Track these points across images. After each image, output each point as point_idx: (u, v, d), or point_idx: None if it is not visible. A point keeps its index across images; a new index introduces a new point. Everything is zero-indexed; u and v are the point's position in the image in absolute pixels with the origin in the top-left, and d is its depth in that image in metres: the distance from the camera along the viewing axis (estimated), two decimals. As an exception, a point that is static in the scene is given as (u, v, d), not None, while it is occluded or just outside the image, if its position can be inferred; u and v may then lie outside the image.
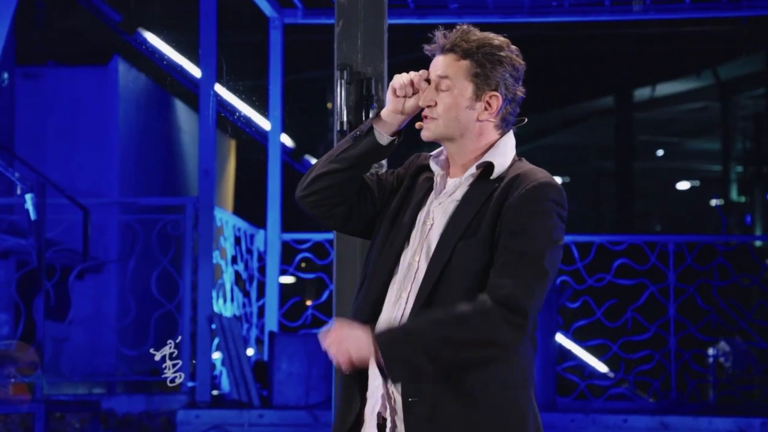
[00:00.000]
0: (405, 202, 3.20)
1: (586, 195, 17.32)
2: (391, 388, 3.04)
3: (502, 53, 3.12)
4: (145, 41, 10.62)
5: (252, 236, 10.17)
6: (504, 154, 3.15)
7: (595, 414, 8.44)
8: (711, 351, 10.09)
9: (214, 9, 8.66)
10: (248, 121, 11.85)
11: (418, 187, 3.21)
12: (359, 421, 3.11)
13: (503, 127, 3.17)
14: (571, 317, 9.74)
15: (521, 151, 3.25)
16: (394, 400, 3.04)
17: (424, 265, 3.07)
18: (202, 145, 8.70)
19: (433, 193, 3.18)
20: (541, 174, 3.10)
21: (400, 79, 3.19)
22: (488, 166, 3.12)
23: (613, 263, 9.50)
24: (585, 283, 9.51)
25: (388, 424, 3.04)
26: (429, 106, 3.14)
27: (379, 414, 3.06)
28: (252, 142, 12.58)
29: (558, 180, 3.22)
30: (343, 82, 4.27)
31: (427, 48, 3.18)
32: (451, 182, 3.16)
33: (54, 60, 10.47)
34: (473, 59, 3.10)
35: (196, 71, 10.42)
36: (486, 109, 3.12)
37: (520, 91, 3.17)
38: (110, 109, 10.10)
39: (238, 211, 11.68)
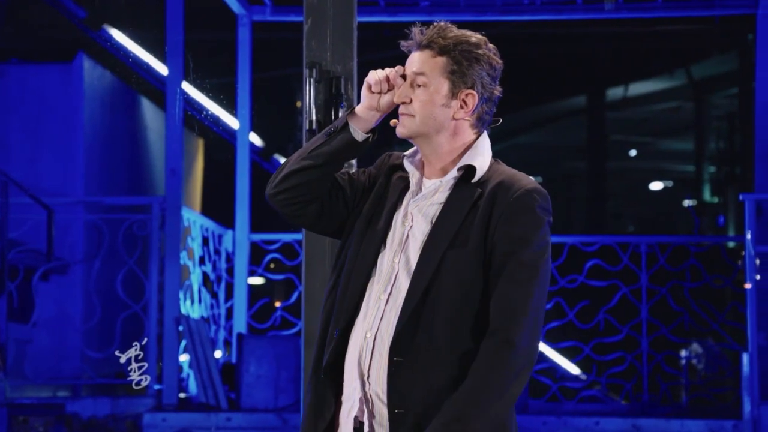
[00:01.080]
0: (380, 203, 3.16)
1: (558, 195, 17.29)
2: (369, 391, 3.01)
3: (479, 51, 3.09)
4: (110, 38, 10.52)
5: (220, 236, 10.10)
6: (482, 156, 3.11)
7: (567, 416, 8.44)
8: (683, 353, 10.08)
9: (181, 5, 8.62)
10: (216, 120, 11.78)
11: (392, 187, 3.17)
12: (333, 425, 3.08)
13: (479, 126, 3.14)
14: (543, 319, 9.69)
15: (494, 151, 3.21)
16: (372, 404, 3.01)
17: (404, 269, 3.04)
18: (168, 143, 8.66)
19: (409, 193, 3.14)
20: (525, 180, 3.08)
21: (376, 74, 3.15)
22: (469, 169, 3.08)
23: (585, 264, 9.49)
24: (557, 285, 9.49)
25: (366, 429, 3.02)
26: (404, 103, 3.11)
27: (355, 418, 3.03)
28: (220, 141, 12.51)
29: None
30: (312, 80, 4.24)
31: (404, 44, 3.15)
32: (429, 184, 3.13)
33: (17, 57, 10.37)
34: (450, 56, 3.07)
35: (162, 69, 10.33)
36: (462, 107, 3.09)
37: (497, 91, 3.14)
38: (75, 107, 10.01)
39: (206, 211, 11.62)
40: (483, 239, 3.00)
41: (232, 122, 11.11)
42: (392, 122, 3.17)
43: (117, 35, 10.65)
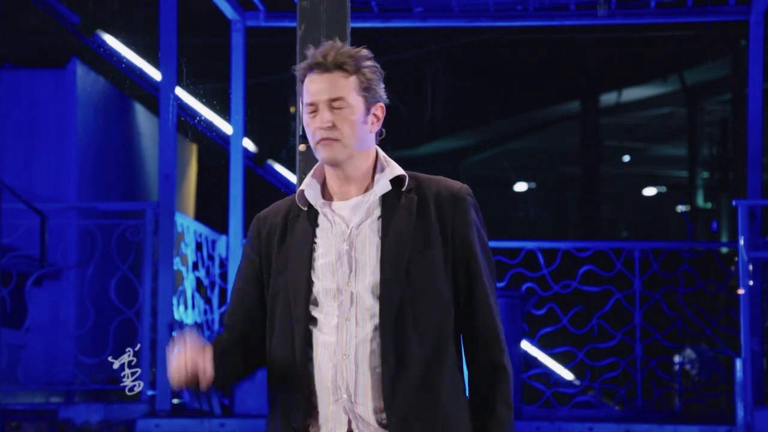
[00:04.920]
0: (288, 252, 3.12)
1: (552, 201, 17.31)
2: (358, 410, 3.02)
3: (377, 65, 3.14)
4: (103, 43, 10.52)
5: (214, 242, 10.09)
6: (395, 165, 3.15)
7: (560, 422, 8.44)
8: (677, 358, 10.08)
9: (175, 11, 8.60)
10: (210, 125, 11.77)
11: (296, 231, 3.14)
12: None
13: (377, 137, 3.18)
14: (536, 324, 9.70)
15: (487, 156, 3.25)
16: (366, 422, 3.03)
17: (364, 288, 3.04)
18: (162, 149, 8.65)
19: (323, 221, 3.11)
20: (450, 180, 3.16)
21: (175, 370, 3.05)
22: (399, 179, 3.12)
23: (578, 270, 9.48)
24: (551, 290, 9.49)
25: None
26: (328, 128, 3.07)
27: None
28: (214, 147, 12.50)
29: (524, 186, 3.27)
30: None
31: (301, 67, 3.13)
32: (352, 203, 3.11)
33: (10, 62, 10.35)
34: (360, 73, 3.08)
35: (156, 74, 10.33)
36: (373, 122, 3.12)
37: (387, 100, 3.19)
38: (68, 113, 9.99)
39: (199, 217, 11.60)
40: (443, 244, 3.07)
41: (226, 128, 11.10)
42: (302, 147, 3.23)
43: (110, 40, 10.65)
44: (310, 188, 3.14)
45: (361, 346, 3.02)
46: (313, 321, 3.07)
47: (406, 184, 3.10)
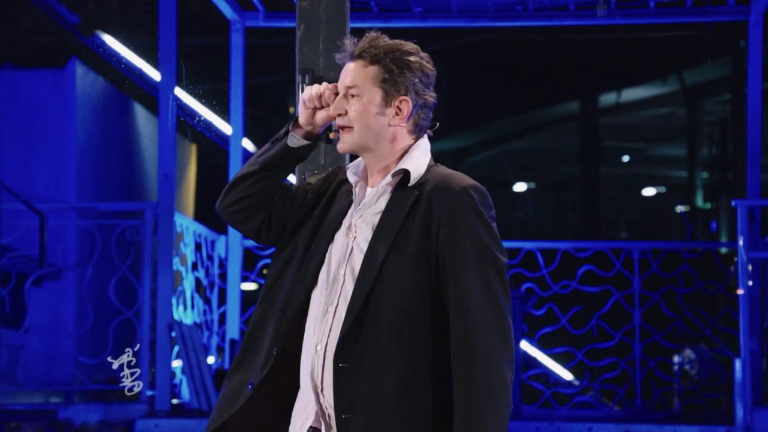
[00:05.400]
0: (325, 214, 3.18)
1: (551, 201, 17.32)
2: (324, 403, 3.02)
3: (411, 58, 3.12)
4: (103, 44, 10.51)
5: (213, 242, 10.08)
6: (417, 159, 3.12)
7: (560, 422, 8.44)
8: (676, 358, 10.08)
9: (174, 11, 8.59)
10: (209, 126, 11.77)
11: (338, 199, 3.20)
12: None
13: (416, 132, 3.16)
14: (536, 324, 9.70)
15: (487, 157, 3.21)
16: (328, 415, 3.02)
17: (350, 279, 3.05)
18: (161, 149, 8.64)
19: (353, 204, 3.15)
20: (462, 179, 3.08)
21: (310, 90, 3.18)
22: (404, 174, 3.10)
23: (578, 270, 9.48)
24: (550, 290, 9.48)
25: None
26: (340, 115, 3.13)
27: (312, 428, 3.04)
28: (213, 147, 12.50)
29: (523, 186, 3.21)
30: (304, 86, 4.25)
31: (338, 57, 3.17)
32: (370, 192, 3.15)
33: (10, 62, 10.35)
34: (381, 65, 3.10)
35: (155, 74, 10.33)
36: (397, 114, 3.11)
37: (431, 97, 3.16)
38: (67, 113, 9.98)
39: (198, 217, 11.60)
40: (426, 242, 3.02)
41: (225, 128, 11.09)
42: (331, 135, 3.22)
43: (110, 41, 10.64)
44: (353, 169, 3.18)
45: (333, 339, 3.02)
46: (306, 305, 3.10)
47: (412, 178, 3.09)
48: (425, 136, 3.18)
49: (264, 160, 3.21)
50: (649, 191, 17.11)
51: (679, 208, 16.47)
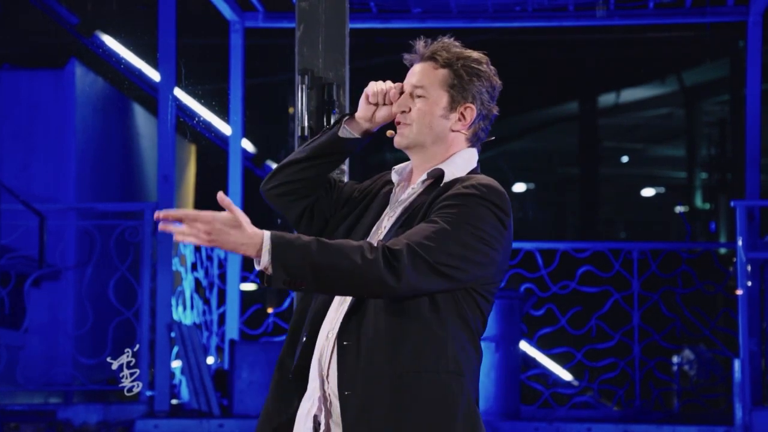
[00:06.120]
0: (363, 214, 3.20)
1: (550, 201, 17.33)
2: (328, 390, 3.03)
3: (481, 68, 3.14)
4: (102, 44, 10.52)
5: (212, 243, 10.05)
6: (458, 164, 3.13)
7: (559, 422, 8.44)
8: (675, 359, 10.08)
9: (173, 11, 8.60)
10: (208, 126, 11.77)
11: (378, 200, 3.21)
12: (290, 423, 3.11)
13: (474, 142, 3.18)
14: (535, 325, 9.70)
15: (485, 157, 3.22)
16: (330, 402, 3.03)
17: None
18: (161, 149, 8.64)
19: (389, 204, 3.18)
20: (483, 178, 3.08)
21: (376, 86, 3.20)
22: (439, 175, 3.11)
23: (577, 270, 9.48)
24: (549, 291, 9.49)
25: (322, 427, 3.04)
26: (403, 112, 3.14)
27: (314, 417, 3.05)
28: (212, 147, 12.50)
29: (522, 186, 3.21)
30: (304, 87, 4.26)
31: (407, 57, 3.18)
32: (408, 191, 3.17)
33: (10, 63, 10.35)
34: (452, 69, 3.11)
35: (154, 75, 10.33)
36: (460, 120, 3.12)
37: (495, 109, 3.18)
38: (67, 113, 9.99)
39: (198, 218, 11.55)
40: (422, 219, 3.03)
41: (225, 128, 11.10)
42: (389, 133, 3.21)
43: (109, 41, 10.64)
44: (398, 170, 3.20)
45: (337, 326, 3.04)
46: (332, 298, 3.11)
47: (445, 179, 3.10)
48: (475, 148, 3.18)
49: (311, 148, 3.23)
50: (648, 192, 17.12)
51: (678, 209, 16.48)
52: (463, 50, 3.14)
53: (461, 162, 3.13)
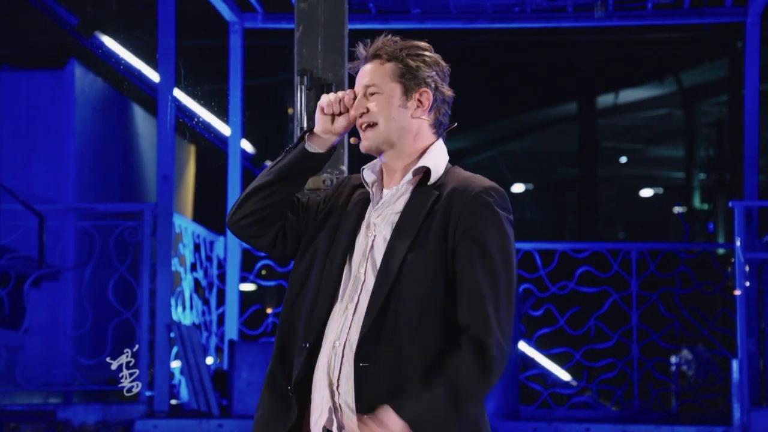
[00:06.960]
0: (341, 219, 3.17)
1: (549, 202, 17.32)
2: (339, 400, 3.02)
3: (426, 53, 3.17)
4: (102, 45, 10.52)
5: (212, 243, 10.09)
6: (436, 158, 3.15)
7: (557, 422, 8.44)
8: (673, 359, 10.09)
9: (173, 12, 8.60)
10: (208, 127, 11.77)
11: (353, 204, 3.19)
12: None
13: (437, 128, 3.19)
14: (533, 325, 9.71)
15: (485, 158, 3.23)
16: (342, 413, 3.02)
17: (371, 277, 3.06)
18: (160, 150, 8.64)
19: (370, 205, 3.17)
20: (482, 180, 3.11)
21: (327, 97, 3.19)
22: (425, 171, 3.12)
23: (575, 271, 9.49)
24: (548, 291, 9.49)
25: None
26: (362, 114, 3.14)
27: (324, 428, 3.04)
28: (212, 148, 12.50)
29: (521, 187, 3.22)
30: (303, 87, 4.26)
31: (350, 65, 3.21)
32: (387, 192, 3.16)
33: (9, 63, 10.35)
34: (398, 61, 3.14)
35: (154, 75, 10.33)
36: (419, 106, 3.14)
37: (449, 91, 3.20)
38: (66, 114, 9.99)
39: (197, 218, 11.60)
40: (443, 242, 3.03)
41: (224, 129, 11.10)
42: (353, 140, 3.22)
43: (109, 42, 10.64)
44: (369, 169, 3.19)
45: (352, 337, 3.02)
46: (332, 304, 3.10)
47: (432, 177, 3.12)
48: (442, 138, 3.21)
49: (279, 169, 3.20)
50: (646, 192, 17.12)
51: (677, 209, 16.48)
52: (405, 42, 3.17)
53: (438, 155, 3.16)
